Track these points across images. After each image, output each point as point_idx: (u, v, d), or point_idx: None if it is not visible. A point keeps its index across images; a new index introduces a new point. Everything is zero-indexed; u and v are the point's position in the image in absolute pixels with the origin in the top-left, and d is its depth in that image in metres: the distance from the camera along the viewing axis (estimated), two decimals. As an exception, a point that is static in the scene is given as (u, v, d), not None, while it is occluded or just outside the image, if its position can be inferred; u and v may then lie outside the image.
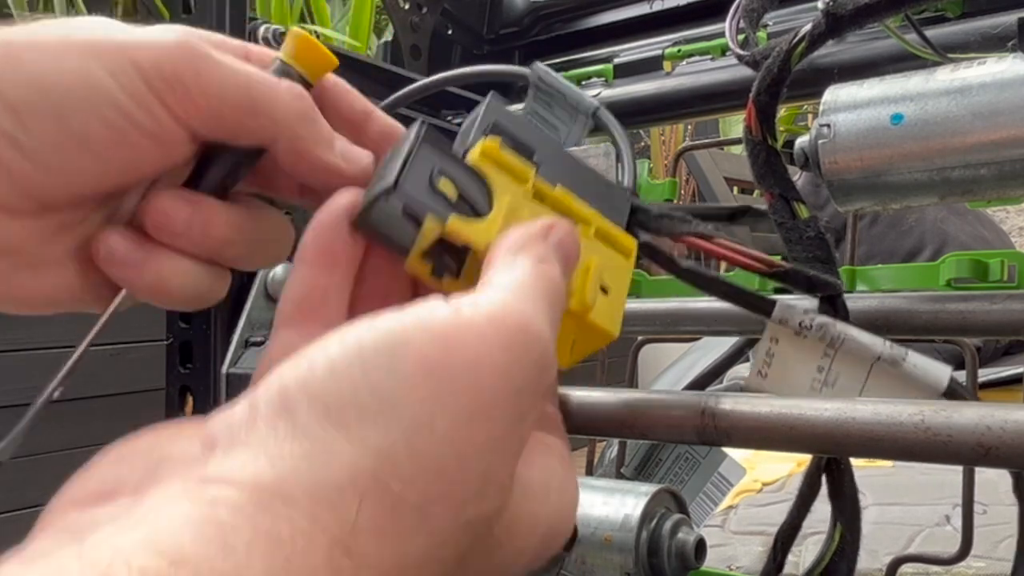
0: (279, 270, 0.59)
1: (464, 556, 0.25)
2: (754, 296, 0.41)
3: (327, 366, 0.25)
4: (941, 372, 0.39)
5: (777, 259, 0.40)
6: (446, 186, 0.32)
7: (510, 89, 0.77)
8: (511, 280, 0.29)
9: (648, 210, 0.39)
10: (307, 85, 0.36)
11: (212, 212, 0.35)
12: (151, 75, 0.32)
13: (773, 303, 0.40)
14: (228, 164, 0.36)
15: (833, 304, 0.42)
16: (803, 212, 0.42)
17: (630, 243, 0.37)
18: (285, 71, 0.36)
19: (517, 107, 0.47)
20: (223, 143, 0.35)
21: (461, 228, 0.32)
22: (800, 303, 0.41)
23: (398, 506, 0.23)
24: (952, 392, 0.40)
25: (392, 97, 0.60)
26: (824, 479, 0.47)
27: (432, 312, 0.26)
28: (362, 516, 0.22)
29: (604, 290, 0.35)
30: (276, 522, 0.21)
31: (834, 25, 0.41)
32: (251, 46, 0.37)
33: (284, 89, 0.34)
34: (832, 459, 0.46)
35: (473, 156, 0.34)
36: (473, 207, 0.33)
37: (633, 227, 0.38)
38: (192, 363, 0.61)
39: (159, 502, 0.22)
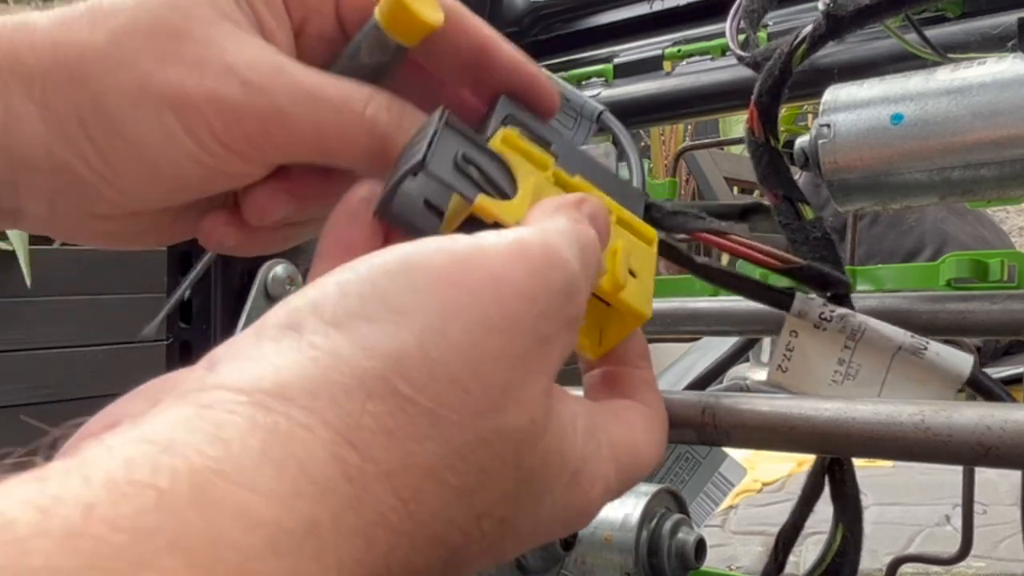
0: (279, 269, 0.59)
1: (486, 477, 0.24)
2: (773, 290, 0.41)
3: (337, 287, 0.24)
4: (963, 360, 0.39)
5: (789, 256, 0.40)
6: (471, 169, 0.32)
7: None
8: (543, 224, 0.28)
9: (662, 207, 0.39)
10: (405, 51, 0.35)
11: (309, 192, 0.36)
12: (225, 138, 0.33)
13: (792, 296, 0.40)
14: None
15: (841, 303, 0.42)
16: (808, 213, 0.42)
17: (651, 232, 0.37)
18: (381, 41, 0.35)
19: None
20: None
21: (490, 205, 0.31)
22: (817, 300, 0.41)
23: (407, 408, 0.22)
24: (975, 380, 0.39)
25: None
26: (826, 479, 0.47)
27: (452, 239, 0.26)
28: (367, 414, 0.22)
29: (632, 274, 0.35)
30: (272, 417, 0.21)
31: (835, 26, 0.41)
32: None
33: (359, 128, 0.34)
34: (835, 459, 0.46)
35: (495, 142, 0.33)
36: (499, 190, 0.32)
37: (648, 224, 0.38)
38: (192, 363, 0.61)
39: (155, 412, 0.21)
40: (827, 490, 0.47)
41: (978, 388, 0.41)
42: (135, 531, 0.17)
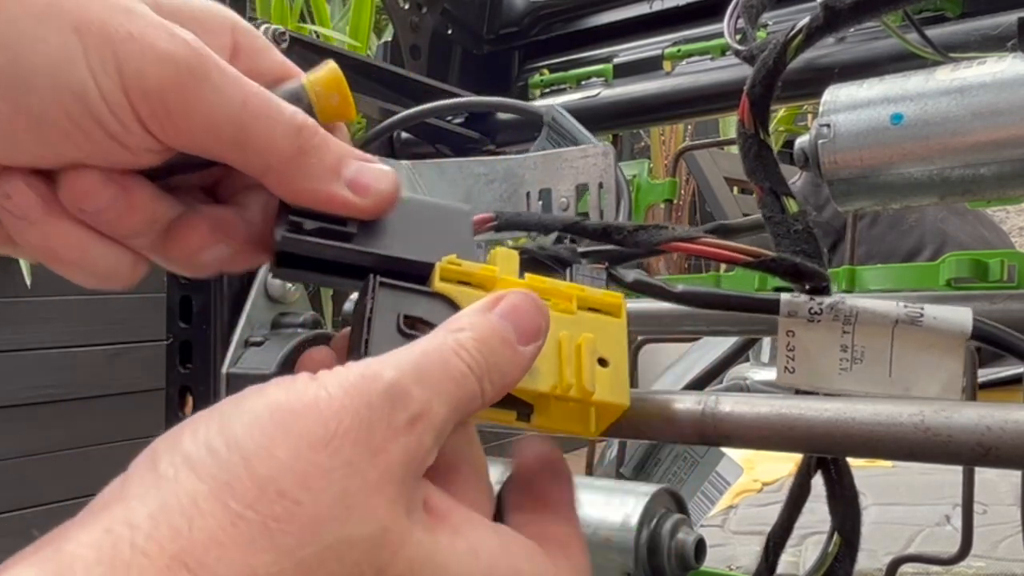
0: (279, 270, 0.59)
1: None
2: (756, 299, 0.41)
3: (190, 421, 0.27)
4: (963, 316, 0.38)
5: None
6: (416, 327, 0.33)
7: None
8: (399, 351, 0.29)
9: (623, 227, 0.39)
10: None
11: (140, 199, 0.32)
12: (133, 87, 0.29)
13: (777, 300, 0.40)
14: (197, 162, 0.33)
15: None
16: (792, 206, 0.42)
17: (616, 299, 0.37)
18: (296, 95, 0.34)
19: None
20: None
21: None
22: (802, 297, 0.41)
23: (238, 522, 0.24)
24: (980, 331, 0.39)
25: (415, 109, 0.63)
26: (823, 480, 0.46)
27: (297, 375, 0.28)
28: (197, 529, 0.24)
29: (604, 361, 0.36)
30: (118, 545, 0.23)
31: (832, 19, 0.41)
32: (273, 48, 0.35)
33: (283, 123, 0.32)
34: (824, 459, 0.45)
35: (434, 283, 0.34)
36: None
37: (615, 243, 0.39)
38: (192, 363, 0.61)
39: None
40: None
41: (984, 339, 0.39)
42: None
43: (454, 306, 0.33)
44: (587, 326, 0.35)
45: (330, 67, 0.35)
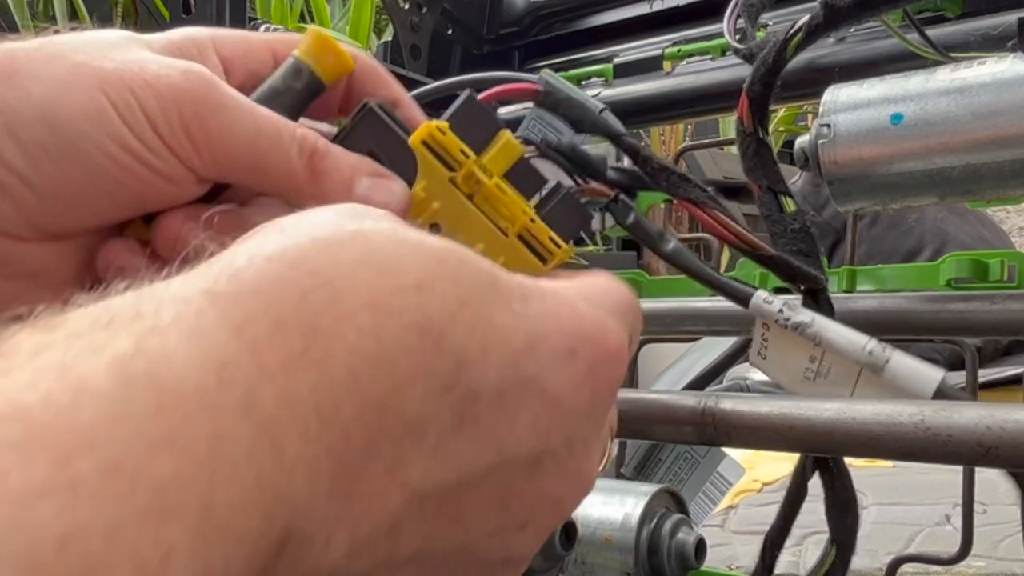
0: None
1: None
2: (731, 286, 0.40)
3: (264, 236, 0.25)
4: (927, 379, 0.37)
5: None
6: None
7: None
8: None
9: (651, 158, 0.38)
10: (321, 86, 0.36)
11: (230, 227, 0.33)
12: (157, 119, 0.31)
13: (750, 295, 0.40)
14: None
15: (816, 299, 0.41)
16: (790, 205, 0.42)
17: (559, 254, 0.34)
18: (297, 69, 0.36)
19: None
20: None
21: None
22: (776, 303, 0.40)
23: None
24: (943, 395, 0.37)
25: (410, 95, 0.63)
26: (821, 482, 0.46)
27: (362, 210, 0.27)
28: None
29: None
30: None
31: (832, 17, 0.41)
32: (253, 36, 0.37)
33: (295, 150, 0.33)
34: (824, 460, 0.45)
35: (413, 138, 0.34)
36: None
37: (634, 175, 0.38)
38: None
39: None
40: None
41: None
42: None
43: (414, 163, 0.34)
44: (504, 252, 0.34)
45: (312, 31, 0.36)
